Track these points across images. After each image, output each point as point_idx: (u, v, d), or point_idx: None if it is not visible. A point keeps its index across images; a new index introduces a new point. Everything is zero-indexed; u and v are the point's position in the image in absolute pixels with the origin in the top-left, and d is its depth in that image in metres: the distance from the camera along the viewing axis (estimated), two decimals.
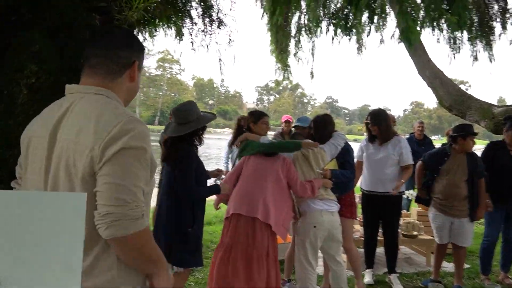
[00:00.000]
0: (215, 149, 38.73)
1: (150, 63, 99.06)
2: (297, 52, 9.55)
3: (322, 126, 4.44)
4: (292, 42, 9.54)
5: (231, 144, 5.40)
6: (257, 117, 4.43)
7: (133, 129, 1.41)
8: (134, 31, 6.29)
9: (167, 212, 3.43)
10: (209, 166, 4.29)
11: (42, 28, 1.95)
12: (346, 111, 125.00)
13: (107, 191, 1.35)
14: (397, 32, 7.65)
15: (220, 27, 6.02)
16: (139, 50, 1.67)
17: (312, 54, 9.41)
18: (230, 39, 6.24)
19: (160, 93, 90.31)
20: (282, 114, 78.56)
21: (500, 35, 7.89)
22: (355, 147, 4.87)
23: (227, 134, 79.14)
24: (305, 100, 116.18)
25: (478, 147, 9.76)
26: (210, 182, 3.71)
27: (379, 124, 4.91)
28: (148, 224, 1.44)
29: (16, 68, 1.83)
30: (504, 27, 7.95)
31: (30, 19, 1.98)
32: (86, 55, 1.56)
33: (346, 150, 4.46)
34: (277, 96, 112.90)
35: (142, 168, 1.42)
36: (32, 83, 1.82)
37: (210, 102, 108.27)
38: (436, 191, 4.79)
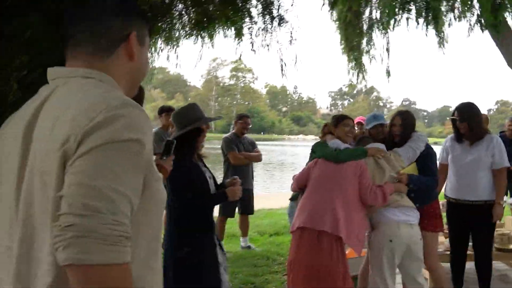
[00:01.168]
0: (289, 156, 38.53)
1: (223, 73, 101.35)
2: (369, 50, 8.93)
3: (410, 126, 3.96)
4: (364, 40, 8.95)
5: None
6: (336, 120, 3.99)
7: (125, 116, 1.00)
8: (193, 33, 6.12)
9: (166, 231, 3.04)
10: (284, 174, 3.95)
11: (39, 13, 1.68)
12: (425, 113, 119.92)
13: (72, 195, 0.93)
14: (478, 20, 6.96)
15: (281, 24, 5.67)
16: (137, 18, 1.24)
17: (387, 50, 8.72)
18: (291, 38, 5.88)
19: (234, 102, 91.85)
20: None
21: None
22: (437, 150, 4.28)
23: (301, 140, 79.15)
24: (381, 104, 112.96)
25: None
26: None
27: (469, 120, 4.20)
28: (132, 259, 0.97)
29: (5, 60, 1.56)
30: None
31: (26, 2, 1.71)
32: (69, 31, 1.20)
33: (428, 154, 3.90)
34: (351, 100, 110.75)
35: (130, 169, 0.98)
36: (23, 77, 1.55)
37: (284, 109, 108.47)
38: None
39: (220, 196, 3.16)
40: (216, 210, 8.38)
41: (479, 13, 6.80)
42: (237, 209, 6.19)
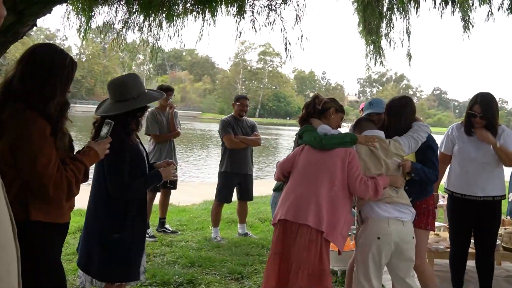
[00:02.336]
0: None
1: (251, 57, 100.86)
2: (389, 33, 8.49)
3: (396, 113, 3.59)
4: (384, 23, 8.50)
5: None
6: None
7: None
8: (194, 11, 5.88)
9: (92, 213, 2.85)
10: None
11: None
12: (456, 103, 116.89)
13: None
14: (507, 2, 6.50)
15: (286, 1, 5.38)
16: None
17: (408, 34, 8.27)
18: (297, 15, 5.58)
19: (261, 86, 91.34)
20: None
21: None
22: None
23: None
24: (411, 92, 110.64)
25: None
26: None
27: (490, 117, 3.84)
28: None
29: None
30: None
31: None
32: None
33: (429, 146, 3.56)
34: (380, 88, 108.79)
35: None
36: None
37: (311, 94, 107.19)
38: None
39: (156, 175, 2.94)
40: (201, 195, 8.30)
41: None
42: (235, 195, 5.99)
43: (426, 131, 3.52)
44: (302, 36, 5.53)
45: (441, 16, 7.44)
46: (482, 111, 3.84)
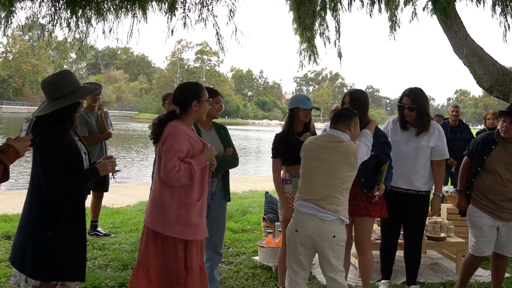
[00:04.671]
0: (253, 140, 38.06)
1: (188, 56, 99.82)
2: (323, 32, 8.64)
3: (361, 106, 3.77)
4: (317, 21, 8.65)
5: None
6: (210, 95, 3.67)
7: None
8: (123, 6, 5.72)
9: (27, 211, 2.76)
10: (247, 158, 3.71)
11: None
12: (388, 101, 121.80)
13: None
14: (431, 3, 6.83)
15: None
16: None
17: (338, 32, 8.47)
18: (230, 10, 5.57)
19: None
20: (322, 104, 77.41)
21: None
22: None
23: (265, 125, 78.89)
24: (345, 90, 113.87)
25: None
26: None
27: (419, 108, 3.98)
28: None
29: None
30: None
31: None
32: None
33: (385, 142, 3.81)
34: (316, 86, 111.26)
35: None
36: None
37: (249, 93, 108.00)
38: (480, 187, 3.88)
39: (91, 172, 2.84)
40: (136, 195, 8.03)
41: None
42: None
43: (370, 137, 3.61)
44: (236, 30, 5.53)
45: (371, 15, 7.71)
46: (410, 103, 3.98)
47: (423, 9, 7.08)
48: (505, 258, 4.01)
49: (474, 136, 6.84)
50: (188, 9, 5.23)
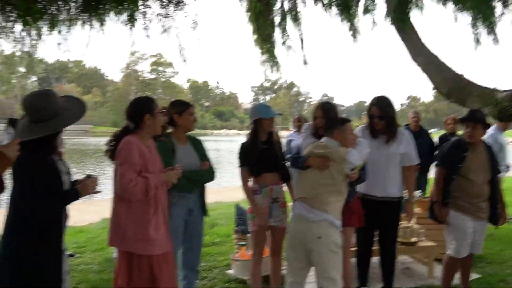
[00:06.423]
0: (212, 151, 37.35)
1: (143, 67, 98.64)
2: (285, 41, 8.68)
3: (333, 117, 3.84)
4: (277, 31, 8.68)
5: None
6: (182, 107, 3.68)
7: None
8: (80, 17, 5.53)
9: (5, 235, 2.58)
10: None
11: None
12: (342, 108, 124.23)
13: None
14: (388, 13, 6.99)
15: (179, 7, 5.28)
16: None
17: (301, 40, 8.52)
18: (194, 22, 5.51)
19: (155, 97, 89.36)
20: None
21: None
22: None
23: (224, 135, 78.76)
24: (301, 99, 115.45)
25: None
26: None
27: (388, 118, 4.03)
28: None
29: None
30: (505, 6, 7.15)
31: None
32: None
33: None
34: (273, 95, 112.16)
35: None
36: None
37: (206, 104, 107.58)
38: (458, 193, 4.01)
39: (72, 193, 2.68)
40: (99, 212, 7.89)
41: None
42: None
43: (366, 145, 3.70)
44: (199, 41, 5.50)
45: (330, 22, 7.83)
46: (380, 113, 4.03)
47: (385, 18, 7.22)
48: (472, 256, 4.18)
49: (433, 140, 7.06)
50: (149, 20, 5.11)
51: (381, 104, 4.08)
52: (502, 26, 7.24)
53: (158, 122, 3.11)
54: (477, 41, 7.01)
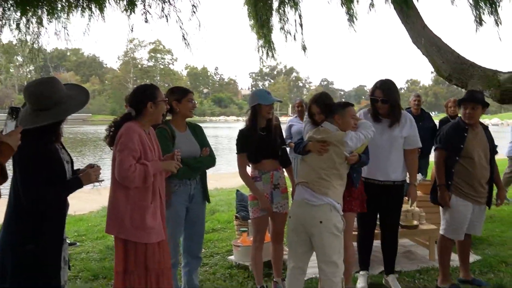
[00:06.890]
0: (211, 138, 37.21)
1: (142, 55, 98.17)
2: (284, 26, 8.56)
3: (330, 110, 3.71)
4: (275, 16, 8.57)
5: None
6: (181, 94, 3.62)
7: None
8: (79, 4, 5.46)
9: (6, 224, 2.56)
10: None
11: None
12: (342, 93, 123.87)
13: None
14: None
15: None
16: None
17: (300, 25, 8.41)
18: (193, 6, 5.45)
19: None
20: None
21: None
22: None
23: (222, 122, 78.57)
24: (300, 84, 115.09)
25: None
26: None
27: (392, 101, 3.98)
28: None
29: None
30: None
31: None
32: None
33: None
34: (272, 81, 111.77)
35: None
36: None
37: (205, 90, 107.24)
38: (461, 175, 4.01)
39: (74, 182, 2.66)
40: (98, 201, 7.89)
41: None
42: None
43: (371, 129, 3.66)
44: (199, 26, 5.43)
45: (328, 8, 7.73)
46: (383, 96, 3.99)
47: (385, 2, 7.12)
48: (470, 237, 4.24)
49: (436, 124, 7.02)
50: (148, 5, 5.03)
51: (385, 87, 4.03)
52: (504, 7, 7.12)
53: (160, 110, 3.06)
54: (480, 22, 6.94)
